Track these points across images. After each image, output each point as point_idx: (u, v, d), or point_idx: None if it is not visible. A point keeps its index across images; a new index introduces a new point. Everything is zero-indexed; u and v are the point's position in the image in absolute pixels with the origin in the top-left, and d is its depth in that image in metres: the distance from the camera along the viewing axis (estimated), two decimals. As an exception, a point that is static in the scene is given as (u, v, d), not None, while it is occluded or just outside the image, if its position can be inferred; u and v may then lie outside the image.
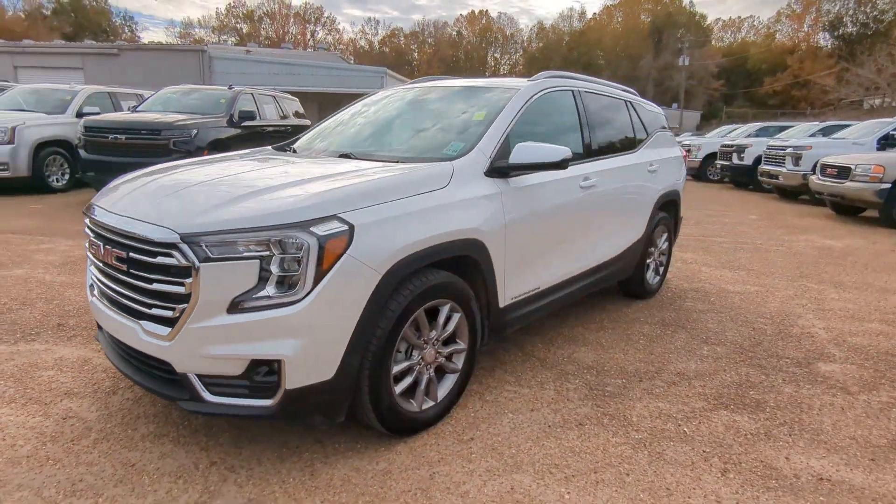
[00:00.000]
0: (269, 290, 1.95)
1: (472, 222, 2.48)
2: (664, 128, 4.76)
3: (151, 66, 24.45)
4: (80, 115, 9.01)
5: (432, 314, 2.42)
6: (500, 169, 2.72)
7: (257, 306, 1.94)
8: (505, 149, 2.78)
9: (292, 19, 71.10)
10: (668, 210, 4.63)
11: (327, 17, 76.04)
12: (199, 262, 1.92)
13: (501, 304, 2.79)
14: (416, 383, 2.40)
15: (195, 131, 7.43)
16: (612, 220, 3.76)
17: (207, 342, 1.96)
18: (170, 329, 2.00)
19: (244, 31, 68.11)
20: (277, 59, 25.39)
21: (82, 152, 7.68)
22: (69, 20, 68.13)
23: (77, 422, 2.42)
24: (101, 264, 2.31)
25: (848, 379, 3.10)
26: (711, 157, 16.27)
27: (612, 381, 3.00)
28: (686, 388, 2.95)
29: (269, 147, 3.58)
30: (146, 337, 2.08)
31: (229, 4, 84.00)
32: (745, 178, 13.92)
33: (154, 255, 2.01)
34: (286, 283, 1.96)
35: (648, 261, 4.42)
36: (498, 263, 2.68)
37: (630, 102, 4.29)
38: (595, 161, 3.55)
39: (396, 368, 2.27)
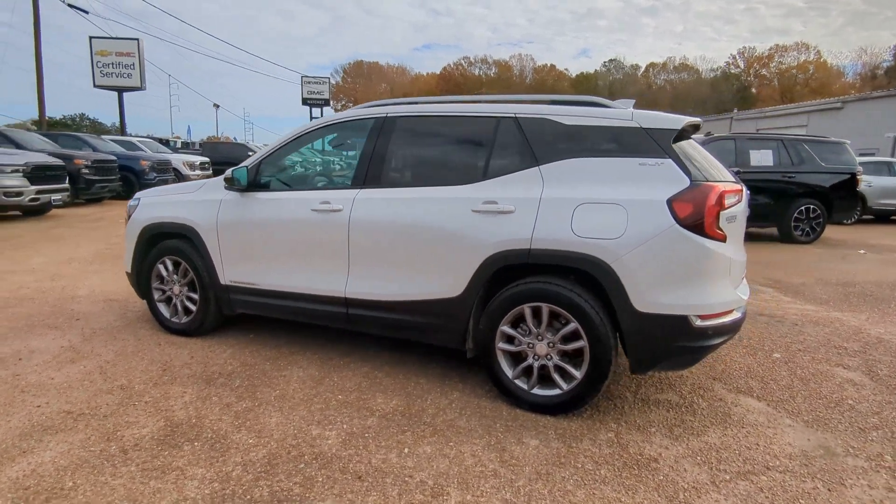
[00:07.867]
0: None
1: (188, 215, 3.87)
2: (626, 153, 2.69)
3: (873, 116, 22.74)
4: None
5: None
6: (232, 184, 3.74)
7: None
8: (254, 171, 3.70)
9: None
10: (587, 284, 2.76)
11: None
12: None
13: (223, 282, 3.80)
14: (170, 302, 4.10)
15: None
16: (382, 258, 3.20)
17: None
18: None
19: None
20: None
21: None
22: (900, 75, 66.22)
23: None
24: None
25: None
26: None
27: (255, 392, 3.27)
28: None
29: None
30: None
31: None
32: None
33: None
34: (137, 223, 4.37)
35: (505, 346, 2.92)
36: (212, 248, 3.78)
37: (513, 120, 2.98)
38: (362, 189, 3.30)
39: (155, 284, 4.13)
